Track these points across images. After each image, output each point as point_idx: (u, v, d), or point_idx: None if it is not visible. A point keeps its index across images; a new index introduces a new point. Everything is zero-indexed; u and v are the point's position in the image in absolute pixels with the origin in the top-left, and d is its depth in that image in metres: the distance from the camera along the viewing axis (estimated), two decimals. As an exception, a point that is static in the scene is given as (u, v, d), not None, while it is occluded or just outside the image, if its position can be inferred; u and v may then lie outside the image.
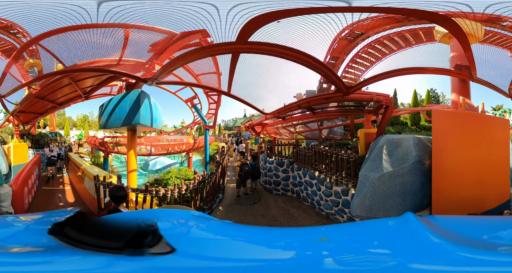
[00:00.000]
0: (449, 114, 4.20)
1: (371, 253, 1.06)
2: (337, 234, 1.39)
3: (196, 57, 4.99)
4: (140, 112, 6.56)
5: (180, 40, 5.41)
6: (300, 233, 1.43)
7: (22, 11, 4.77)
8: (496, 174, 4.20)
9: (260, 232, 1.52)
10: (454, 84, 6.85)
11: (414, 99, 21.28)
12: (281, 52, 4.33)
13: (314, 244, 1.19)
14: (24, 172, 7.28)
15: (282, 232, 1.59)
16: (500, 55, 7.23)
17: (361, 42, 9.46)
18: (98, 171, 7.45)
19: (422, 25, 8.41)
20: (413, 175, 4.02)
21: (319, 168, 7.05)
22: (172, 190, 5.87)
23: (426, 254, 0.92)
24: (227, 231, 1.54)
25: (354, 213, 4.45)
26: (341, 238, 1.30)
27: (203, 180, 6.79)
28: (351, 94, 5.24)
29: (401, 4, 4.58)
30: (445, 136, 3.95)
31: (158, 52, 5.85)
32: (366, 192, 4.20)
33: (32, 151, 12.29)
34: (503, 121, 4.61)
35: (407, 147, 4.21)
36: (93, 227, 1.03)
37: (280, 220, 6.65)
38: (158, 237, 0.95)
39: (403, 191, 4.01)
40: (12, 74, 7.07)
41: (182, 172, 9.87)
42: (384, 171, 4.14)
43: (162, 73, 5.49)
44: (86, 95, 9.22)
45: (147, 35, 5.57)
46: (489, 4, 4.74)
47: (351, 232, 1.40)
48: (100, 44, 5.71)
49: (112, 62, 6.48)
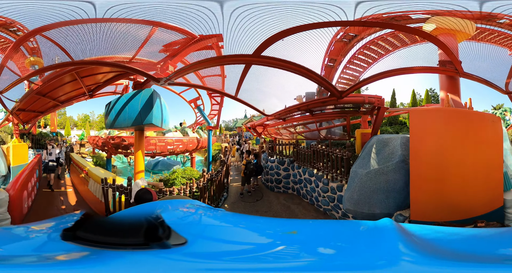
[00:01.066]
0: (427, 112, 3.97)
1: (323, 254, 1.09)
2: (308, 229, 1.48)
3: (214, 64, 5.49)
4: (153, 112, 6.33)
5: (197, 43, 5.66)
6: (279, 224, 1.60)
7: (22, 9, 4.86)
8: (486, 177, 3.80)
9: (246, 220, 1.73)
10: (442, 81, 6.76)
11: (412, 98, 21.59)
12: (285, 66, 4.95)
13: (283, 236, 1.30)
14: (24, 174, 6.75)
15: (264, 221, 1.85)
16: (495, 52, 7.10)
17: (356, 44, 9.79)
18: (104, 173, 7.32)
19: (410, 25, 8.67)
20: (397, 174, 4.18)
21: (317, 166, 7.49)
22: (184, 189, 6.20)
23: (384, 263, 0.88)
24: (221, 217, 1.77)
25: (344, 206, 4.83)
26: (311, 233, 1.37)
27: (211, 178, 7.07)
28: (344, 98, 5.66)
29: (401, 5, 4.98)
30: (423, 135, 3.72)
31: (174, 52, 6.01)
32: (354, 187, 4.55)
33: (33, 151, 11.74)
34: (494, 117, 4.19)
35: (394, 147, 4.50)
36: (103, 227, 1.00)
37: (282, 216, 7.07)
38: (167, 228, 0.95)
39: (387, 189, 4.18)
40: (9, 68, 6.79)
41: (187, 172, 9.87)
42: (371, 168, 4.46)
43: (178, 74, 5.71)
44: (90, 93, 8.73)
45: (165, 34, 5.65)
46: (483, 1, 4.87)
47: (322, 230, 1.47)
48: (116, 40, 5.64)
49: (124, 60, 6.38)
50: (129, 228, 0.98)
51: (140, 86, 7.10)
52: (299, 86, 11.10)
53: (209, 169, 12.59)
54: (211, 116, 17.01)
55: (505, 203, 3.95)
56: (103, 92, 10.99)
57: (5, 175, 8.50)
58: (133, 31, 5.43)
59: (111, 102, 6.75)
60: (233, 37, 5.03)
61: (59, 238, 1.02)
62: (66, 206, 7.52)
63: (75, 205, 7.66)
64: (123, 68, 5.94)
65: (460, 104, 6.32)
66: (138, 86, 7.16)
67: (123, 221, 1.12)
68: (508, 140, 5.34)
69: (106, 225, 1.04)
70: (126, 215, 1.64)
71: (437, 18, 5.53)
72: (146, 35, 5.59)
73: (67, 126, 35.71)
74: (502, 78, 7.05)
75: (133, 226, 0.99)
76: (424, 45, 9.04)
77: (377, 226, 1.30)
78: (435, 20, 5.58)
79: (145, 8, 4.90)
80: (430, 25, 5.87)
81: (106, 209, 5.90)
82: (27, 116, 10.58)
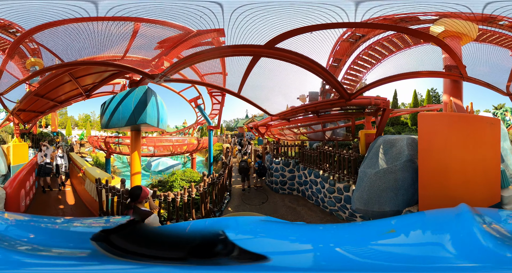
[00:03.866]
0: (433, 116, 4.32)
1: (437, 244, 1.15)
2: (406, 225, 1.50)
3: (215, 55, 5.16)
4: (147, 111, 6.00)
5: (194, 38, 5.41)
6: (369, 227, 1.58)
7: (19, 10, 4.77)
8: (485, 175, 4.18)
9: (328, 230, 1.64)
10: (446, 85, 6.90)
11: (414, 99, 21.57)
12: (298, 60, 4.77)
13: (385, 236, 1.32)
14: (22, 173, 6.80)
15: (352, 227, 1.77)
16: (497, 53, 7.20)
17: (362, 44, 9.78)
18: (100, 173, 7.21)
19: (418, 26, 8.72)
20: (405, 172, 4.44)
21: (323, 167, 7.50)
22: (182, 194, 5.70)
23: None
24: (301, 230, 1.64)
25: (354, 206, 4.90)
26: (409, 228, 1.40)
27: (213, 183, 6.75)
28: (352, 100, 5.68)
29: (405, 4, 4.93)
30: (431, 136, 4.09)
31: (169, 47, 5.74)
32: (364, 186, 4.67)
33: (33, 150, 11.57)
34: (493, 120, 4.54)
35: (401, 147, 4.67)
36: (144, 236, 1.00)
37: (288, 218, 6.97)
38: (230, 245, 0.93)
39: (396, 186, 4.42)
40: (8, 71, 6.81)
41: (187, 173, 9.62)
42: (379, 168, 4.61)
43: (173, 69, 5.42)
44: (87, 93, 8.57)
45: (158, 30, 5.39)
46: (487, 2, 4.92)
47: (418, 223, 1.52)
48: (103, 39, 5.46)
49: (115, 58, 6.20)
50: (175, 241, 0.96)
51: (136, 84, 6.71)
52: (300, 85, 11.00)
53: (210, 170, 12.37)
54: (212, 115, 16.79)
55: (502, 199, 4.31)
56: (101, 92, 10.96)
57: (5, 174, 8.45)
58: (118, 29, 5.22)
59: (106, 102, 6.48)
60: (235, 33, 4.78)
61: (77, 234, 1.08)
62: (64, 206, 7.51)
63: (73, 204, 7.66)
64: (113, 66, 5.71)
65: (462, 108, 6.52)
66: (134, 84, 6.76)
67: (171, 233, 1.11)
68: (508, 139, 5.57)
69: (149, 234, 1.03)
70: (178, 228, 1.63)
71: (444, 20, 5.56)
72: (131, 32, 5.41)
73: (68, 126, 35.63)
74: (503, 80, 7.24)
75: (181, 240, 0.98)
76: (426, 47, 9.08)
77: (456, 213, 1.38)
78: (443, 22, 5.62)
79: (147, 8, 4.74)
80: (437, 27, 5.93)
81: (100, 208, 5.85)
82: (28, 116, 10.60)
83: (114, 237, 0.93)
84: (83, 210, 7.06)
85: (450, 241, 1.13)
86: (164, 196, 5.52)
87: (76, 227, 1.71)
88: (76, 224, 1.79)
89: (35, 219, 1.74)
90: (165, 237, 1.02)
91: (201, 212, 6.18)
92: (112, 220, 2.01)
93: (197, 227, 1.66)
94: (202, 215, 6.16)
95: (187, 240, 0.95)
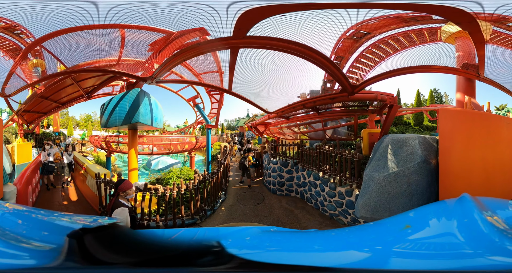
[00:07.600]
0: (456, 112, 4.17)
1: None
2: (420, 219, 1.52)
3: (194, 54, 4.97)
4: (140, 111, 6.69)
5: (178, 39, 5.46)
6: (384, 224, 1.56)
7: (23, 12, 4.82)
8: (502, 173, 4.16)
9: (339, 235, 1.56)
10: (460, 83, 6.86)
11: (417, 99, 21.16)
12: (284, 46, 4.22)
13: (402, 233, 1.34)
14: (28, 171, 7.27)
15: (358, 229, 1.71)
16: (508, 55, 7.03)
17: (365, 42, 9.39)
18: (100, 169, 7.50)
19: (428, 25, 8.34)
20: (419, 175, 3.98)
21: (323, 169, 7.00)
22: (171, 189, 5.87)
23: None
24: (311, 238, 1.59)
25: (358, 214, 4.39)
26: (424, 222, 1.44)
27: (204, 180, 6.75)
28: (356, 94, 5.18)
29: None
30: (452, 134, 3.93)
31: (157, 51, 5.88)
32: (371, 193, 4.15)
33: (36, 150, 12.27)
34: (509, 120, 4.58)
35: (413, 147, 4.14)
36: (115, 240, 1.04)
37: (283, 221, 6.58)
38: (224, 256, 0.95)
39: (409, 191, 3.95)
40: (17, 74, 7.21)
41: (183, 171, 9.91)
42: (389, 171, 4.09)
43: (161, 71, 5.48)
44: (88, 95, 9.41)
45: (144, 35, 5.62)
46: (501, 4, 4.71)
47: (431, 214, 1.54)
48: (99, 44, 5.81)
49: (112, 62, 6.62)
50: (156, 248, 0.98)
51: (132, 86, 7.35)
52: (301, 83, 10.66)
53: (208, 169, 12.60)
54: (211, 115, 16.82)
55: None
56: (101, 93, 11.52)
57: (11, 173, 8.80)
58: (109, 35, 5.51)
59: (105, 103, 7.20)
60: (220, 27, 4.40)
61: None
62: (68, 202, 7.95)
63: (75, 200, 8.10)
64: (106, 72, 6.25)
65: (479, 107, 6.56)
66: (130, 86, 7.44)
67: (151, 240, 1.12)
68: None
69: (129, 239, 1.05)
70: (160, 236, 1.60)
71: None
72: (119, 38, 5.72)
73: (70, 126, 36.08)
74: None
75: (159, 247, 0.99)
76: (434, 45, 8.84)
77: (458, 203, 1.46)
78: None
79: (118, 12, 4.58)
80: (451, 26, 5.76)
81: (99, 203, 6.12)
82: (31, 116, 11.17)
83: (87, 237, 0.95)
84: (85, 206, 7.46)
85: (457, 228, 1.19)
86: (155, 190, 5.82)
87: (62, 222, 1.76)
88: (64, 219, 1.85)
89: (36, 212, 1.85)
90: (137, 243, 1.04)
91: (191, 209, 6.30)
92: (100, 220, 2.07)
93: (185, 236, 1.65)
94: (192, 212, 6.28)
95: (164, 248, 0.98)
